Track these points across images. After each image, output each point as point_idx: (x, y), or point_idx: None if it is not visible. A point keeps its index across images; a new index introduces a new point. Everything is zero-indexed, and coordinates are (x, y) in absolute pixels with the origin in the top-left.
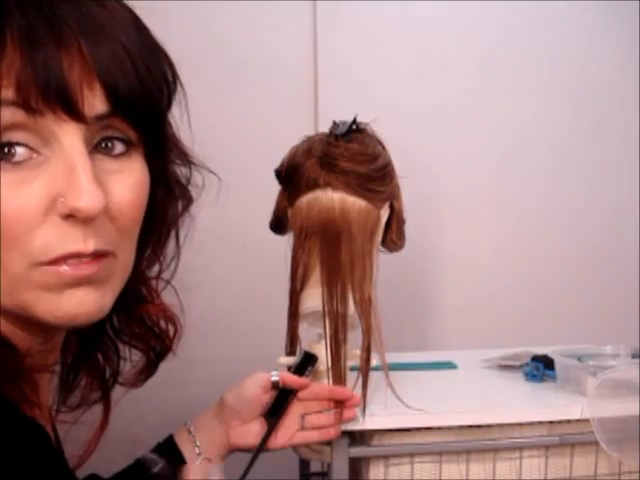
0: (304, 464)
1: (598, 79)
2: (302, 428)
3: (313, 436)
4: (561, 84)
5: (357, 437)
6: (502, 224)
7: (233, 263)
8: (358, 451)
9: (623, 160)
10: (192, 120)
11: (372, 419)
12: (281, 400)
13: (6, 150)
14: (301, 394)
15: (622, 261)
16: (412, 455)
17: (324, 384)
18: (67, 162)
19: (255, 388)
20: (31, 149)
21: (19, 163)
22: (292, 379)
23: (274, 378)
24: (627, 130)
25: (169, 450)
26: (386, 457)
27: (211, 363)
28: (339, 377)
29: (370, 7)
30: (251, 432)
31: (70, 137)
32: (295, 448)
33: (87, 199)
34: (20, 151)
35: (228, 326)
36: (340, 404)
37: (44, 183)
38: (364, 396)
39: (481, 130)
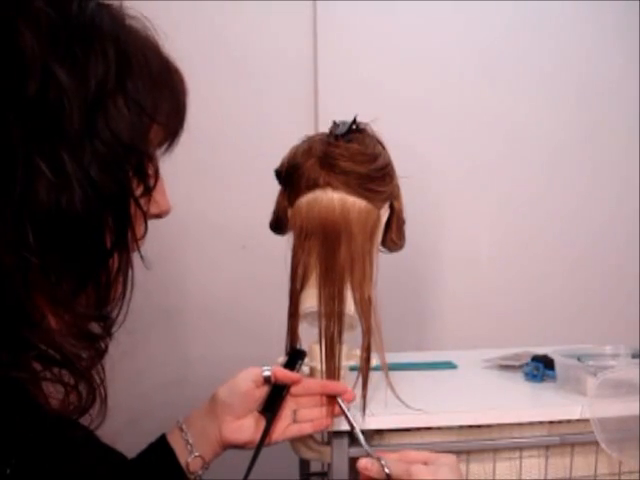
0: (304, 464)
1: (598, 78)
2: (295, 422)
3: (306, 428)
4: (561, 83)
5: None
6: (502, 224)
7: (233, 263)
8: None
9: (623, 159)
10: (191, 120)
11: (372, 419)
12: (275, 395)
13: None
14: (294, 389)
15: (622, 261)
16: None
17: (317, 379)
18: (161, 182)
19: (248, 382)
20: None
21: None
22: (284, 373)
23: (266, 373)
24: (627, 129)
25: (161, 448)
26: None
27: (211, 363)
28: (333, 375)
29: (370, 7)
30: (244, 427)
31: None
32: (295, 448)
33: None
34: None
35: (228, 326)
36: (333, 399)
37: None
38: (364, 396)
39: (482, 130)
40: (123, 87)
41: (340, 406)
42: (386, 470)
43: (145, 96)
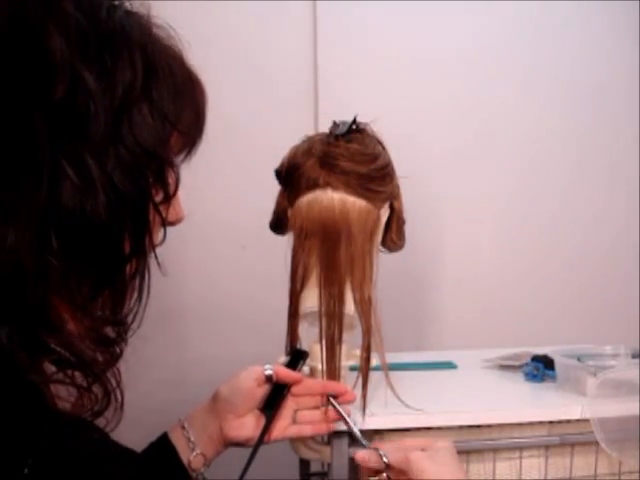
0: (304, 464)
1: (600, 83)
2: (295, 422)
3: (306, 430)
4: (565, 87)
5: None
6: (502, 223)
7: (233, 263)
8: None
9: (624, 162)
10: None
11: (372, 419)
12: (276, 394)
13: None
14: (295, 389)
15: (622, 261)
16: None
17: (318, 379)
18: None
19: (249, 381)
20: None
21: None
22: (285, 373)
23: (268, 372)
24: (629, 132)
25: (162, 447)
26: None
27: (211, 363)
28: (333, 375)
29: (370, 7)
30: (245, 425)
31: None
32: (295, 448)
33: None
34: None
35: (228, 326)
36: (334, 400)
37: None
38: (364, 396)
39: (482, 131)
40: (148, 95)
41: (335, 407)
42: (384, 459)
43: (168, 105)
